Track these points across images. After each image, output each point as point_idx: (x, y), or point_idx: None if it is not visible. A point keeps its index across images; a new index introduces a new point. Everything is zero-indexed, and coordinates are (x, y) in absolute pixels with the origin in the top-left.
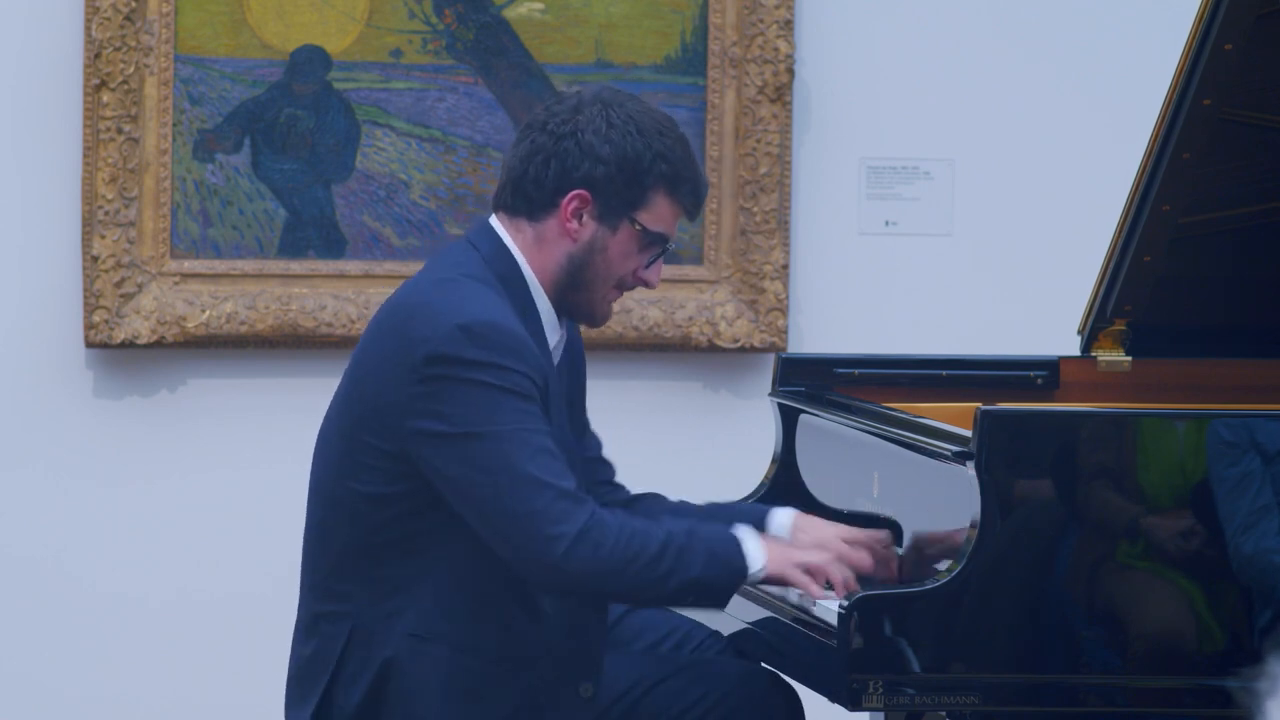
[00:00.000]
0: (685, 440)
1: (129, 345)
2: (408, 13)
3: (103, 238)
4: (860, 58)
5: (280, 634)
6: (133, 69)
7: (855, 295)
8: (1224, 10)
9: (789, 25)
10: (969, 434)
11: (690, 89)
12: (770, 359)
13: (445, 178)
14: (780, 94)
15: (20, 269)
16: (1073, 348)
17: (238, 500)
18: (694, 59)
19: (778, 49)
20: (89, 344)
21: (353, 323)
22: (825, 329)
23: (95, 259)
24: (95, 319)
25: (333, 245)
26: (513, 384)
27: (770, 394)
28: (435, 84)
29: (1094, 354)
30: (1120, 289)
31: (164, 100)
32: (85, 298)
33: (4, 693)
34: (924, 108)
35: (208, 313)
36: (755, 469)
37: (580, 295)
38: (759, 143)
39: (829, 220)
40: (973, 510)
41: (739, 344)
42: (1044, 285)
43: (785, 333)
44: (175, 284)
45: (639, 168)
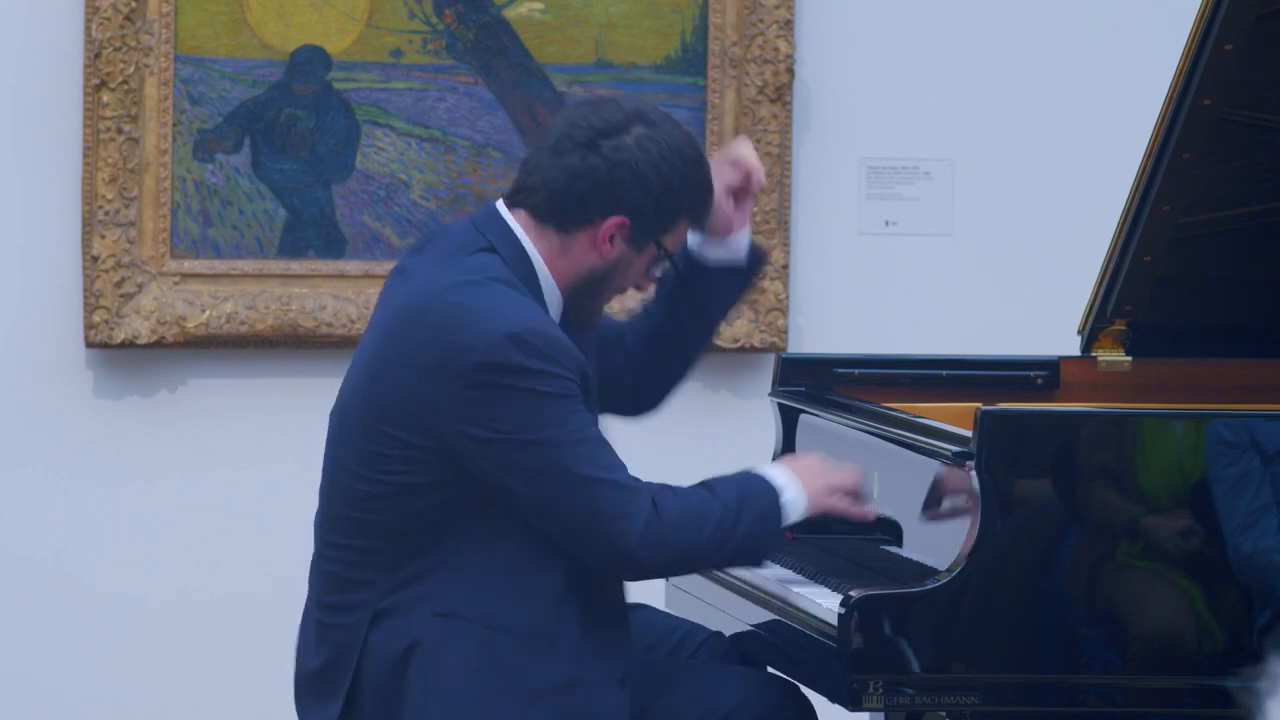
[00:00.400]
0: (685, 440)
1: (129, 345)
2: (408, 13)
3: (103, 238)
4: (860, 58)
5: (280, 634)
6: (133, 69)
7: (855, 295)
8: (1224, 10)
9: (789, 25)
10: (969, 434)
11: (690, 89)
12: (770, 359)
13: (445, 178)
14: (780, 94)
15: (20, 269)
16: (1073, 348)
17: (238, 500)
18: (694, 59)
19: (778, 49)
20: (89, 344)
21: (353, 323)
22: (825, 329)
23: (95, 259)
24: (95, 319)
25: (333, 245)
26: (561, 388)
27: (770, 394)
28: (435, 84)
29: (1094, 354)
30: (1120, 289)
31: (164, 100)
32: (85, 298)
33: (4, 693)
34: (924, 108)
35: (208, 313)
36: None
37: (588, 303)
38: (759, 143)
39: (829, 220)
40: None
41: (739, 344)
42: (1044, 285)
43: (785, 333)
44: (175, 284)
45: (679, 200)
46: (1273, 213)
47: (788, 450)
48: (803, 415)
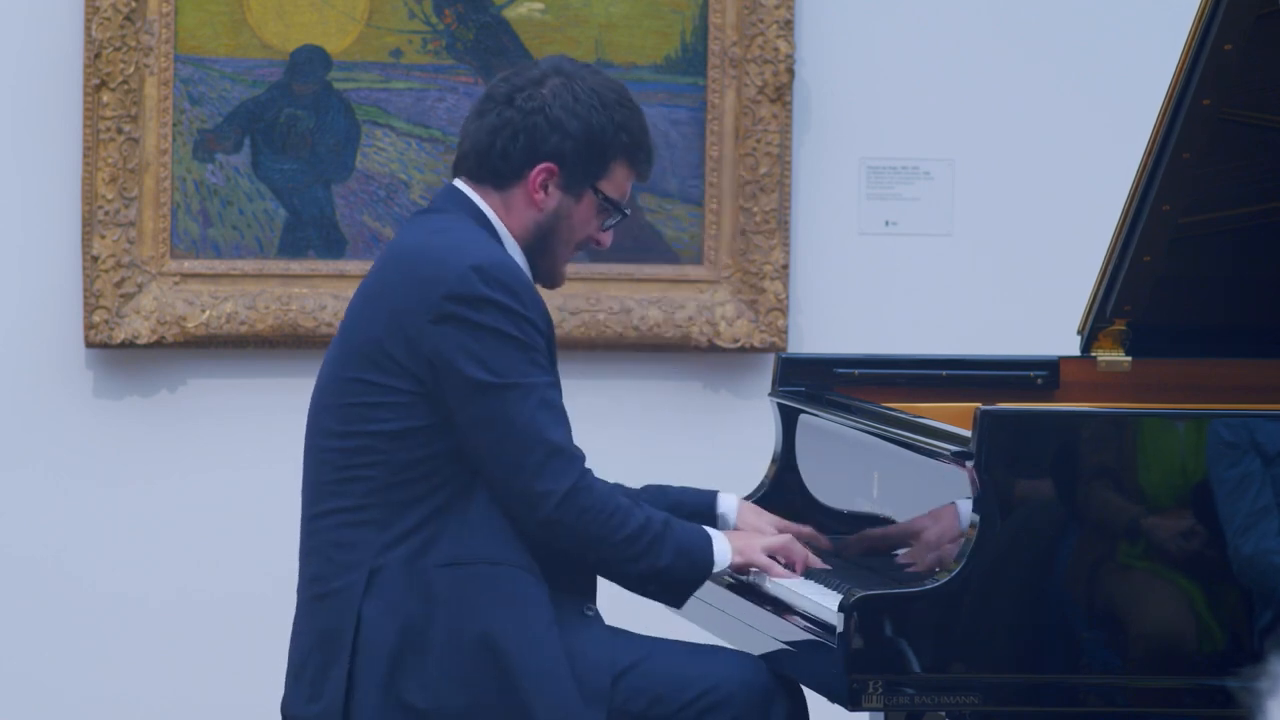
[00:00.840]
0: (685, 440)
1: (129, 345)
2: (408, 13)
3: (103, 238)
4: (860, 58)
5: (280, 634)
6: (133, 69)
7: (855, 295)
8: (1224, 10)
9: (789, 25)
10: (969, 434)
11: (690, 89)
12: (770, 359)
13: (445, 178)
14: (780, 94)
15: (20, 269)
16: (1073, 348)
17: (238, 500)
18: (694, 59)
19: (778, 49)
20: (89, 344)
21: None
22: (825, 329)
23: (95, 259)
24: (95, 319)
25: (333, 245)
26: (522, 332)
27: (770, 394)
28: (435, 84)
29: (1094, 354)
30: (1120, 289)
31: (164, 100)
32: (85, 298)
33: (4, 693)
34: (924, 108)
35: (208, 313)
36: (755, 469)
37: (545, 260)
38: (759, 143)
39: (829, 220)
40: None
41: (739, 344)
42: (1044, 285)
43: (785, 333)
44: (175, 284)
45: (603, 140)
46: (1273, 213)
47: (788, 450)
48: (803, 415)
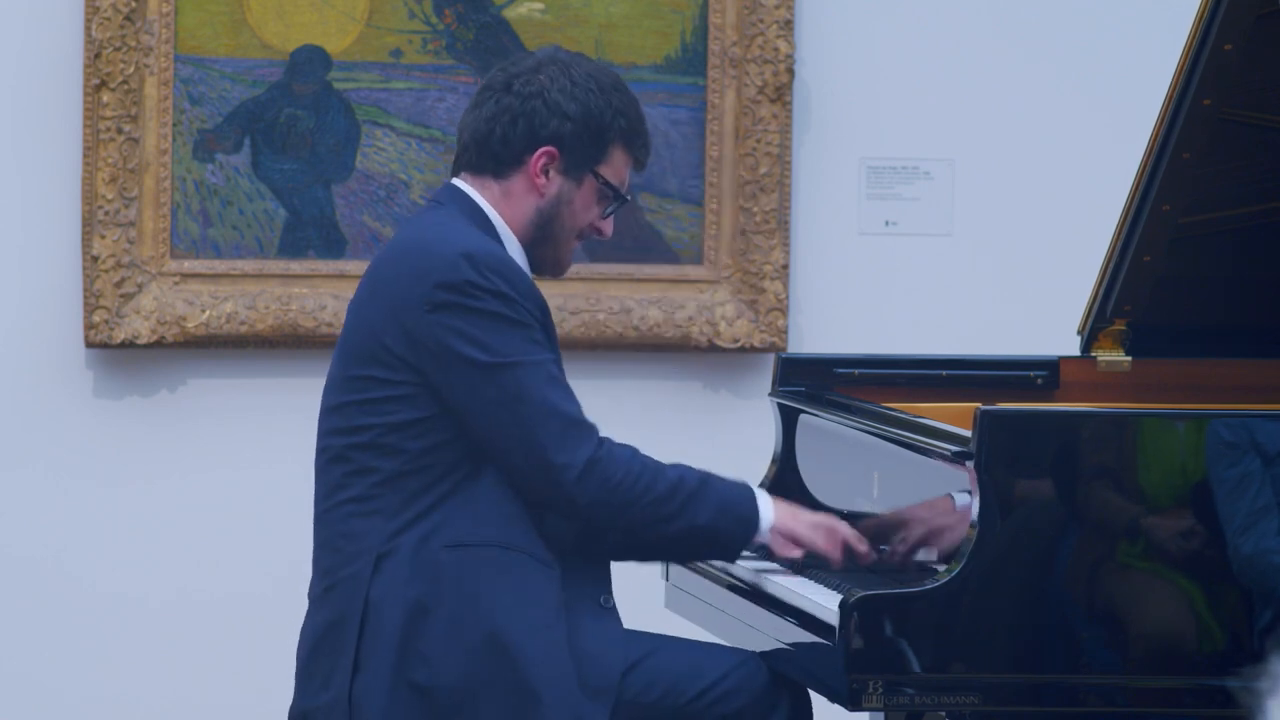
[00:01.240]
0: (685, 440)
1: (129, 345)
2: (408, 13)
3: (103, 238)
4: (860, 58)
5: (280, 634)
6: (133, 69)
7: (855, 295)
8: (1224, 10)
9: (789, 25)
10: (969, 434)
11: (690, 89)
12: (770, 359)
13: (445, 177)
14: (780, 94)
15: (20, 269)
16: (1073, 348)
17: (238, 500)
18: (694, 59)
19: (778, 49)
20: (89, 344)
21: None
22: (825, 329)
23: (95, 259)
24: (95, 319)
25: (333, 245)
26: (517, 313)
27: (770, 394)
28: (435, 84)
29: (1094, 354)
30: (1120, 289)
31: (164, 100)
32: (85, 298)
33: (4, 693)
34: (924, 108)
35: (208, 313)
36: (755, 469)
37: (547, 248)
38: (759, 143)
39: (829, 220)
40: (972, 510)
41: (739, 344)
42: (1044, 285)
43: (785, 333)
44: (175, 284)
45: (601, 124)
46: (1273, 213)
47: (788, 450)
48: (803, 415)
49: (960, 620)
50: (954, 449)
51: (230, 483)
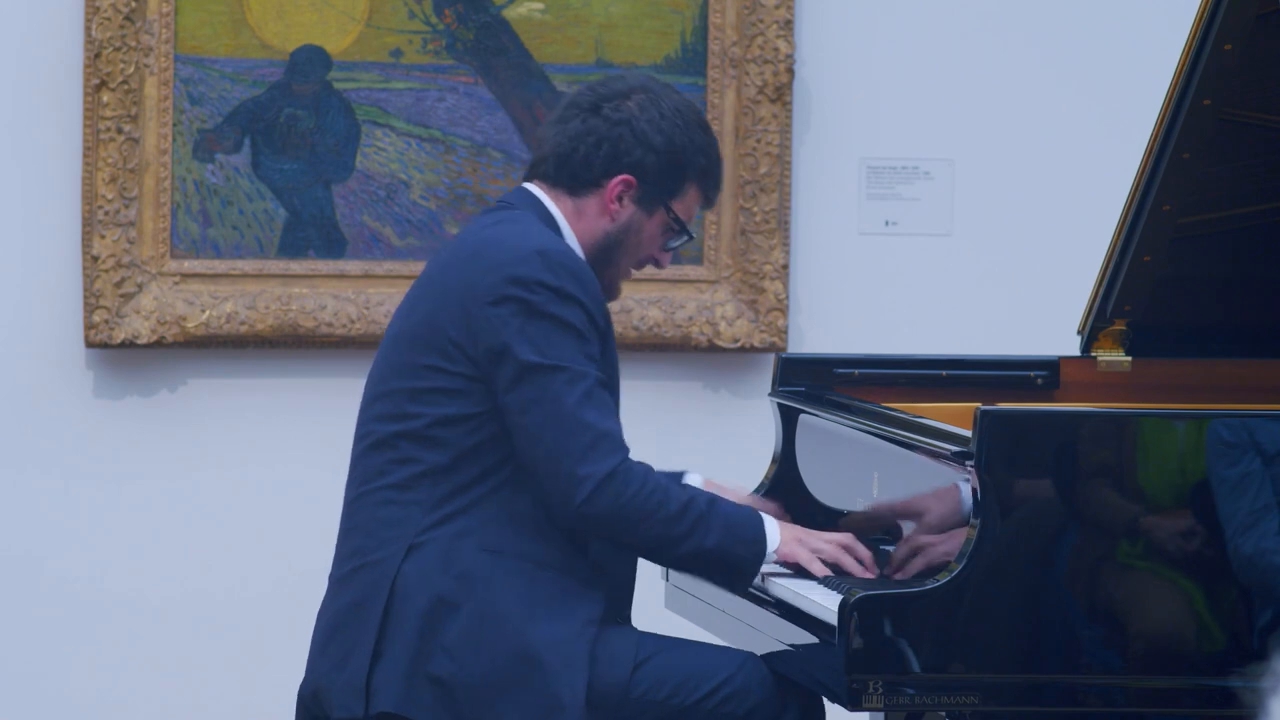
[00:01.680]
0: (685, 440)
1: (129, 345)
2: (408, 13)
3: (103, 238)
4: (860, 58)
5: (280, 633)
6: (133, 69)
7: (855, 295)
8: (1224, 10)
9: (789, 25)
10: (969, 434)
11: (690, 89)
12: (770, 359)
13: (445, 178)
14: (780, 94)
15: (20, 269)
16: (1073, 348)
17: (238, 500)
18: (694, 59)
19: (778, 49)
20: (89, 344)
21: (353, 323)
22: (825, 329)
23: (95, 259)
24: (95, 319)
25: (333, 245)
26: (576, 319)
27: (770, 394)
28: (435, 84)
29: (1094, 354)
30: (1120, 289)
31: (164, 100)
32: (85, 298)
33: (4, 693)
34: (924, 108)
35: (208, 313)
36: (755, 469)
37: (607, 270)
38: (759, 143)
39: (829, 220)
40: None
41: (739, 344)
42: (1044, 285)
43: (785, 333)
44: (175, 284)
45: (683, 160)
46: (1273, 213)
47: (788, 450)
48: (803, 415)
49: (960, 620)
50: (954, 449)
51: (230, 482)
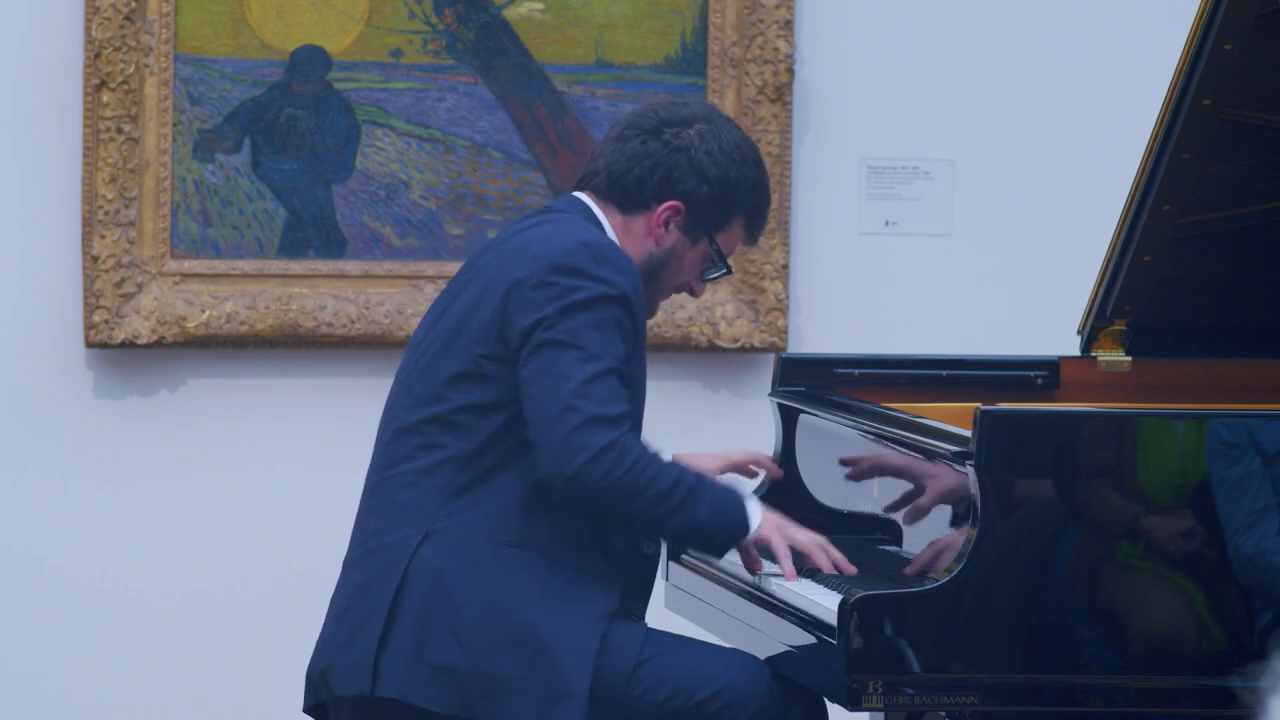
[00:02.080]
0: (685, 440)
1: (129, 345)
2: (408, 13)
3: (103, 238)
4: (860, 58)
5: (280, 632)
6: (133, 69)
7: (855, 295)
8: (1224, 10)
9: (789, 25)
10: (969, 434)
11: (690, 89)
12: (770, 359)
13: (445, 178)
14: (780, 94)
15: (20, 269)
16: (1073, 348)
17: (238, 500)
18: (694, 59)
19: (778, 49)
20: (89, 344)
21: (352, 323)
22: (825, 329)
23: (95, 259)
24: (95, 319)
25: (333, 245)
26: (611, 310)
27: (770, 394)
28: (435, 84)
29: (1094, 354)
30: (1120, 289)
31: (164, 100)
32: (85, 298)
33: (4, 693)
34: (924, 108)
35: (208, 313)
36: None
37: (647, 291)
38: (759, 143)
39: (829, 220)
40: (973, 510)
41: (739, 344)
42: (1044, 285)
43: (785, 333)
44: (175, 284)
45: (735, 195)
46: (1273, 213)
47: (788, 450)
48: (803, 415)
49: (960, 620)
50: (954, 449)
51: (230, 483)
